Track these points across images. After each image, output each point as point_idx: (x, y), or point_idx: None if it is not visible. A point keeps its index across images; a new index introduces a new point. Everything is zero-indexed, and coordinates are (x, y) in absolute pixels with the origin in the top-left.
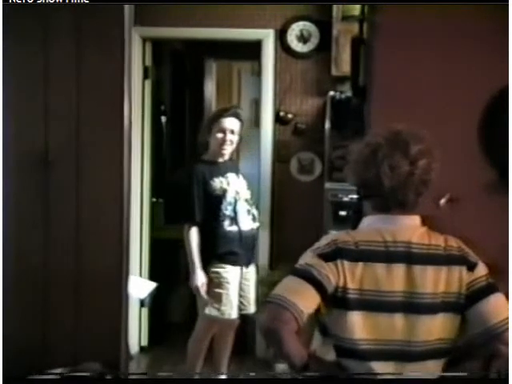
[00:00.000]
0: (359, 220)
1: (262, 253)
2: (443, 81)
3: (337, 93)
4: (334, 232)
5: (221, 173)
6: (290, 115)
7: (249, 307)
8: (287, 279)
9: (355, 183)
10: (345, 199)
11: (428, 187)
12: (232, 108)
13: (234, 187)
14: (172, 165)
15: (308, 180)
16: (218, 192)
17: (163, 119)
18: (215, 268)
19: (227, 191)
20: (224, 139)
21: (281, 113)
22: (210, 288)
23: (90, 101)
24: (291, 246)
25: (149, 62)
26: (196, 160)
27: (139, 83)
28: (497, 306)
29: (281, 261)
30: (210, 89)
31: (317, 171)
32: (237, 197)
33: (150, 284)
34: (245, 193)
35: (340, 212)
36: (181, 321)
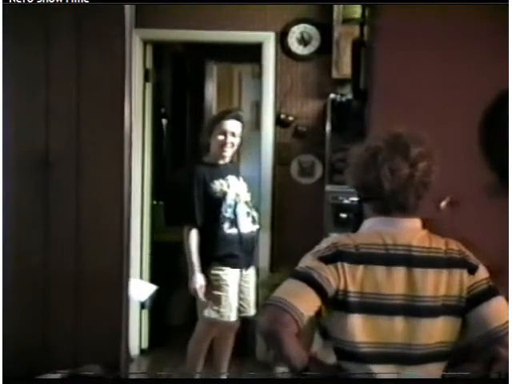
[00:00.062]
0: (360, 222)
1: (263, 255)
2: (444, 83)
3: (337, 95)
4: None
5: (221, 175)
6: (291, 118)
7: (248, 309)
8: (287, 282)
9: (355, 186)
10: (345, 202)
11: (428, 190)
12: (234, 110)
13: (234, 190)
14: (172, 167)
15: (309, 182)
16: (218, 194)
17: (164, 122)
18: (215, 270)
19: (227, 194)
20: (225, 141)
21: (281, 115)
22: (210, 290)
23: (91, 102)
24: (292, 249)
25: (149, 65)
26: (197, 162)
27: (140, 86)
28: (498, 310)
29: (281, 263)
30: (211, 91)
31: (317, 174)
32: (237, 199)
33: (151, 286)
34: (245, 195)
35: (341, 214)
36: (181, 323)
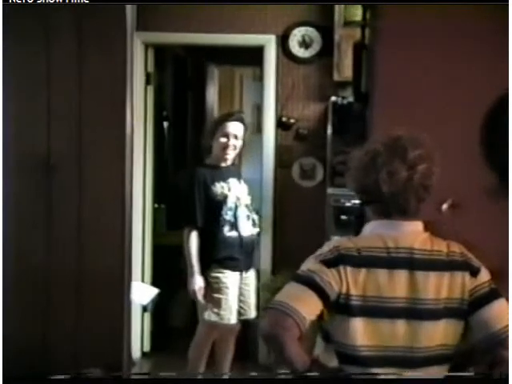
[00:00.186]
0: (361, 225)
1: (264, 258)
2: (445, 84)
3: (339, 98)
4: (337, 237)
5: (222, 178)
6: (292, 120)
7: (249, 312)
8: (289, 285)
9: (356, 189)
10: (347, 204)
11: (429, 192)
12: (236, 113)
13: (235, 193)
14: (174, 170)
15: (310, 185)
16: (219, 197)
17: (165, 124)
18: (215, 273)
19: (228, 197)
20: (227, 144)
21: (283, 118)
22: (210, 293)
23: (92, 103)
24: (293, 251)
25: (151, 69)
26: (198, 163)
27: (141, 88)
28: (500, 312)
29: (283, 266)
30: (212, 94)
31: (318, 176)
32: (237, 202)
33: (153, 290)
34: (245, 198)
35: (342, 217)
36: (183, 326)
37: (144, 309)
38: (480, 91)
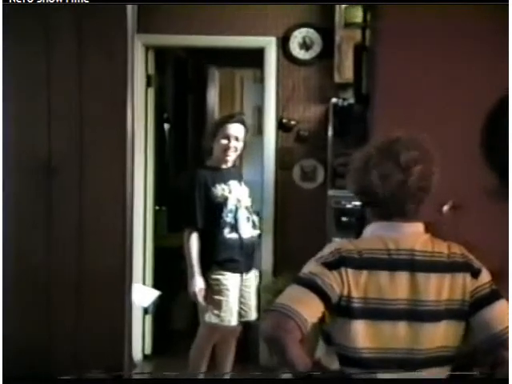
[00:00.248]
0: (362, 227)
1: (265, 260)
2: (446, 86)
3: (339, 100)
4: (338, 239)
5: (223, 180)
6: (293, 122)
7: (250, 314)
8: (291, 288)
9: (354, 191)
10: (348, 206)
11: (428, 193)
12: (237, 114)
13: (236, 195)
14: (175, 172)
15: (311, 187)
16: (220, 199)
17: (166, 126)
18: (215, 275)
19: (228, 199)
20: (228, 146)
21: (283, 120)
22: (210, 295)
23: (93, 103)
24: (294, 253)
25: (151, 71)
26: (199, 165)
27: (142, 91)
28: (501, 313)
29: (284, 268)
30: (213, 96)
31: (319, 178)
32: (238, 204)
33: (154, 292)
34: (246, 200)
35: (343, 219)
36: (184, 328)
37: (145, 311)
38: (480, 91)
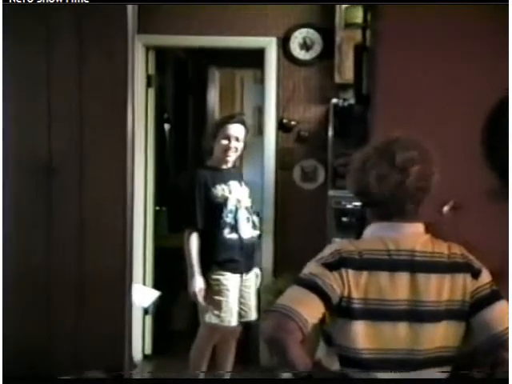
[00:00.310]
0: (363, 227)
1: (266, 260)
2: (446, 86)
3: (340, 100)
4: (338, 239)
5: (223, 180)
6: (293, 122)
7: (249, 314)
8: (291, 289)
9: (354, 192)
10: (348, 206)
11: (428, 194)
12: (237, 115)
13: (236, 195)
14: (175, 173)
15: (311, 187)
16: (219, 199)
17: (166, 127)
18: (215, 275)
19: (228, 199)
20: (229, 146)
21: (284, 120)
22: (210, 295)
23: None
24: (295, 254)
25: (152, 71)
26: (199, 165)
27: (142, 91)
28: (501, 314)
29: (284, 268)
30: (213, 97)
31: (320, 179)
32: (238, 205)
33: (154, 292)
34: (246, 201)
35: (343, 219)
36: (184, 329)
37: (145, 311)
38: (480, 91)
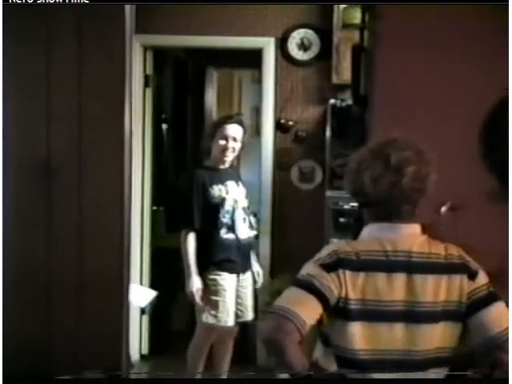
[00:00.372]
0: (360, 228)
1: (263, 261)
2: (446, 86)
3: (337, 101)
4: (335, 240)
5: (221, 180)
6: (291, 123)
7: (246, 314)
8: (289, 290)
9: (350, 193)
10: (345, 207)
11: (424, 194)
12: (235, 115)
13: (233, 196)
14: (173, 173)
15: (309, 188)
16: (217, 200)
17: (164, 127)
18: (212, 275)
19: (226, 199)
20: (226, 146)
21: (281, 120)
22: (207, 295)
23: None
24: (292, 254)
25: (150, 71)
26: (197, 165)
27: (140, 91)
28: (498, 315)
29: (282, 269)
30: (211, 97)
31: (317, 179)
32: (235, 205)
33: (151, 292)
34: (243, 201)
35: (341, 220)
36: (182, 329)
37: (142, 311)
38: (480, 91)
